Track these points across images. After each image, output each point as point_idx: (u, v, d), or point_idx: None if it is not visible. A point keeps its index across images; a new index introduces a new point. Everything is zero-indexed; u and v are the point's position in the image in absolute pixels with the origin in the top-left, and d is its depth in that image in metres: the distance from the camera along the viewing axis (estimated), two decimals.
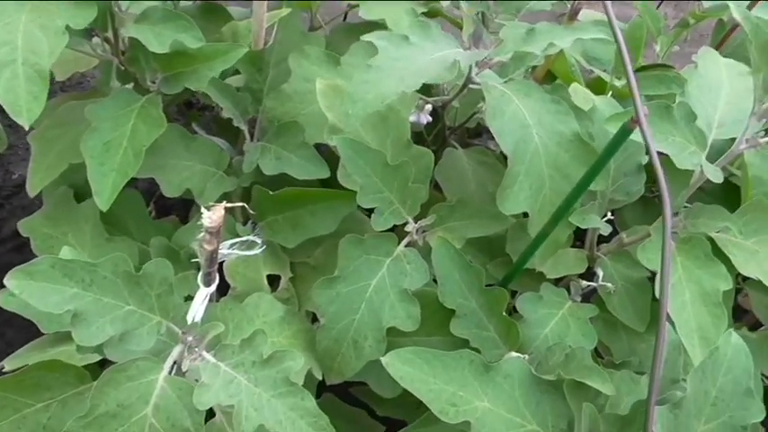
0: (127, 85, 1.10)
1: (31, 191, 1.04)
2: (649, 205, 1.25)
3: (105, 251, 1.03)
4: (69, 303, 0.67)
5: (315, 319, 1.03)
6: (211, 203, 0.77)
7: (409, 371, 0.82)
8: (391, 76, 0.88)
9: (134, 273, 0.70)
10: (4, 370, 0.92)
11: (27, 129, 0.86)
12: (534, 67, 1.30)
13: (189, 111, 1.51)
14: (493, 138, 1.45)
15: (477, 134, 1.58)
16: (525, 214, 0.98)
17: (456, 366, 0.83)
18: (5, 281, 0.70)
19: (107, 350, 0.71)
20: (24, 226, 1.07)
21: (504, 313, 0.95)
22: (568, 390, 0.83)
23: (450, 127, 1.32)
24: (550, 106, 0.99)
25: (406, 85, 0.87)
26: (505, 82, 1.08)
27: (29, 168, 1.06)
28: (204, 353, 0.70)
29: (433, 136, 1.31)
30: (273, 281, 1.07)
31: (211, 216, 0.76)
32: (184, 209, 1.64)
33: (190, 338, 0.71)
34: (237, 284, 1.03)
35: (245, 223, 1.11)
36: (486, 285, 0.97)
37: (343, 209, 1.02)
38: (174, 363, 0.71)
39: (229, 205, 0.79)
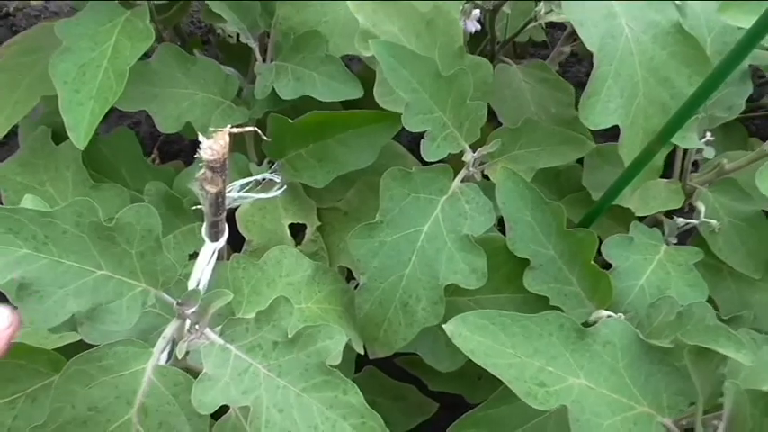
0: None
1: None
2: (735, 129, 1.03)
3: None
4: (15, 268, 0.48)
5: (350, 276, 0.84)
6: (212, 129, 0.58)
7: (481, 341, 0.62)
8: None
9: (105, 224, 0.51)
10: None
11: None
12: None
13: (189, 38, 1.30)
14: (547, 54, 1.24)
15: (522, 56, 1.37)
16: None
17: (542, 333, 0.64)
18: None
19: (80, 330, 0.52)
20: None
21: (593, 262, 0.74)
22: (690, 359, 0.63)
23: (502, 42, 1.10)
24: None
25: None
26: None
27: None
28: (208, 331, 0.51)
29: (479, 52, 1.10)
30: (297, 232, 0.88)
31: (212, 146, 0.57)
32: (193, 154, 1.45)
33: (189, 311, 0.52)
34: (253, 237, 0.83)
35: (260, 162, 0.91)
36: None
37: (382, 136, 0.82)
38: (168, 346, 0.52)
39: (236, 130, 0.58)
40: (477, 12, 0.95)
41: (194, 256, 0.84)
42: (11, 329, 0.46)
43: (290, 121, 0.83)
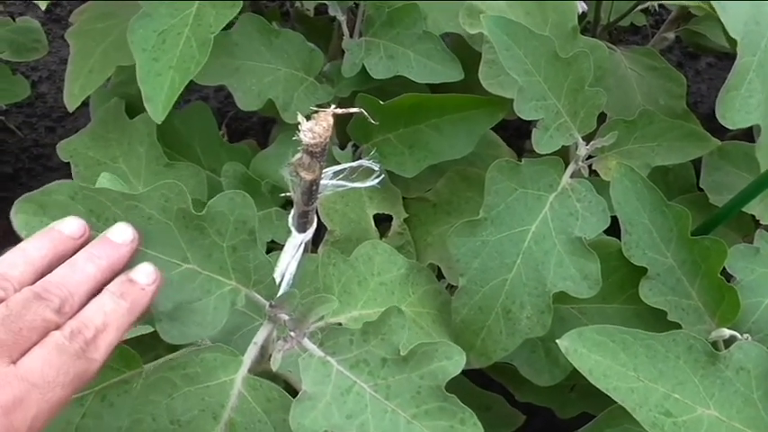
0: None
1: (70, 103, 0.80)
2: None
3: (164, 179, 0.78)
4: None
5: (439, 275, 0.77)
6: (314, 109, 0.51)
7: (600, 360, 0.55)
8: None
9: (195, 213, 0.44)
10: None
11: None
12: None
13: (266, 8, 1.24)
14: (641, 40, 1.14)
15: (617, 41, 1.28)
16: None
17: (668, 355, 0.56)
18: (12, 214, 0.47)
19: (158, 327, 0.46)
20: (65, 148, 0.83)
21: (719, 275, 0.66)
22: None
23: (604, 25, 1.02)
24: None
25: None
26: None
27: (66, 74, 0.81)
28: (306, 341, 0.44)
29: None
30: (381, 221, 0.81)
31: (313, 128, 0.50)
32: (263, 133, 1.39)
33: (283, 315, 0.45)
34: (336, 227, 0.77)
35: (343, 146, 0.85)
36: None
37: (482, 124, 0.74)
38: (259, 354, 0.45)
39: (341, 111, 0.52)
40: None
41: (271, 243, 0.79)
42: (155, 285, 0.43)
43: (381, 102, 0.76)
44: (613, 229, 0.70)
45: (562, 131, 0.67)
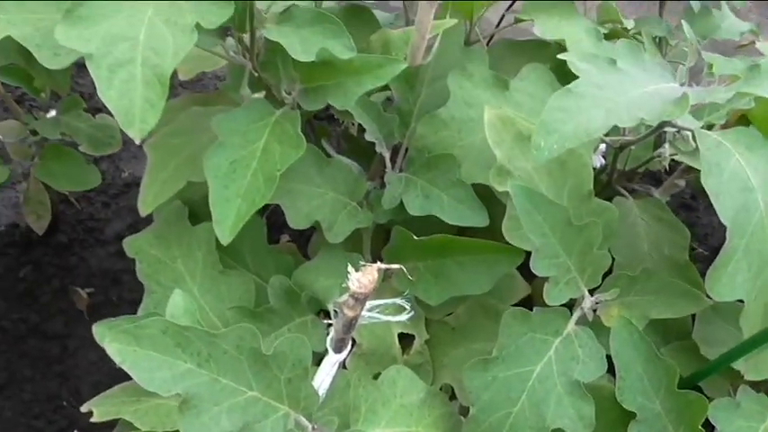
0: (258, 94, 0.96)
1: (144, 208, 0.91)
2: None
3: (217, 285, 0.89)
4: (180, 382, 0.53)
5: (452, 395, 0.86)
6: (362, 263, 0.62)
7: None
8: (597, 106, 0.70)
9: (262, 351, 0.54)
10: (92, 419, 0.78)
11: (138, 142, 0.72)
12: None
13: (317, 122, 1.37)
14: (658, 185, 1.25)
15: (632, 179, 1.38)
16: None
17: None
18: (103, 339, 0.57)
19: None
20: (131, 245, 0.94)
21: (700, 427, 0.74)
22: None
23: (620, 171, 1.12)
24: None
25: (618, 119, 0.69)
26: (711, 128, 0.88)
27: (142, 183, 0.93)
28: None
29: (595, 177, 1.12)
30: (404, 338, 0.91)
31: (360, 279, 0.61)
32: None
33: None
34: (364, 341, 0.87)
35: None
36: None
37: (502, 266, 0.85)
38: None
39: (384, 266, 0.63)
40: (603, 146, 0.98)
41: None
42: None
43: (415, 237, 0.86)
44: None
45: (571, 286, 0.77)
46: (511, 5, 1.24)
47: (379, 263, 0.61)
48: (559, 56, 0.75)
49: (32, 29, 0.88)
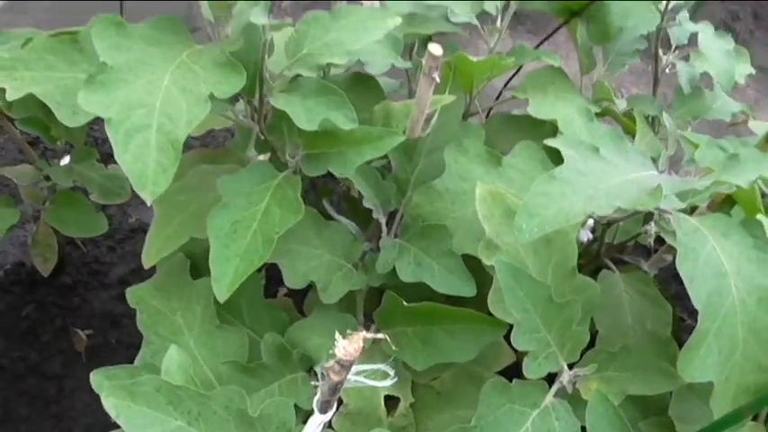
0: (263, 156, 1.01)
1: (147, 261, 0.95)
2: None
3: (213, 339, 0.93)
4: None
5: None
6: (349, 332, 0.65)
7: None
8: (578, 193, 0.74)
9: (249, 413, 0.58)
10: None
11: (149, 204, 0.77)
12: None
13: (318, 183, 1.41)
14: (647, 258, 1.29)
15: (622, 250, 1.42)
16: None
17: None
18: (101, 390, 0.60)
19: None
20: (133, 295, 0.98)
21: None
22: None
23: (609, 244, 1.16)
24: (752, 252, 0.83)
25: (597, 206, 0.73)
26: (694, 213, 0.93)
27: (148, 235, 0.97)
28: None
29: (584, 249, 1.16)
30: (389, 399, 0.94)
31: (346, 347, 0.64)
32: None
33: None
34: (351, 402, 0.90)
35: (367, 326, 0.99)
36: None
37: (488, 336, 0.88)
38: None
39: (370, 336, 0.66)
40: (591, 222, 1.02)
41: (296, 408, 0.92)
42: None
43: (405, 304, 0.90)
44: None
45: (550, 360, 0.80)
46: (509, 81, 1.30)
47: (364, 332, 0.65)
48: (546, 142, 0.80)
49: (54, 86, 0.94)
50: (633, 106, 1.24)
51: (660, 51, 1.27)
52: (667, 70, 1.29)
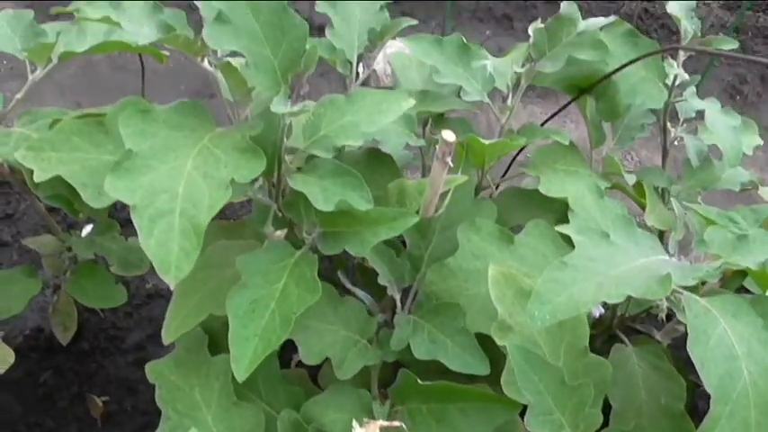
0: (280, 231, 1.03)
1: (167, 338, 0.97)
2: None
3: (231, 416, 0.94)
4: None
5: None
6: (365, 420, 0.67)
7: None
8: (588, 280, 0.76)
9: None
10: None
11: (172, 288, 0.80)
12: None
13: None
14: (659, 326, 1.30)
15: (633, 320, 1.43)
16: None
17: None
18: None
19: None
20: (152, 370, 1.00)
21: None
22: None
23: (621, 315, 1.18)
24: (763, 334, 0.84)
25: (607, 294, 0.75)
26: (705, 285, 0.94)
27: (168, 311, 0.99)
28: None
29: (596, 320, 1.17)
30: None
31: None
32: None
33: None
34: None
35: (383, 401, 1.00)
36: None
37: (501, 416, 0.89)
38: None
39: (385, 424, 0.68)
40: None
41: None
42: None
43: (420, 382, 0.91)
44: None
45: None
46: (517, 156, 1.33)
47: (381, 420, 0.67)
48: (558, 228, 0.82)
49: (80, 167, 0.97)
50: (642, 178, 1.26)
51: (669, 124, 1.29)
52: (676, 142, 1.32)
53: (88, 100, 2.20)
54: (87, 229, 1.35)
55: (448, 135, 0.88)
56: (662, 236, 1.33)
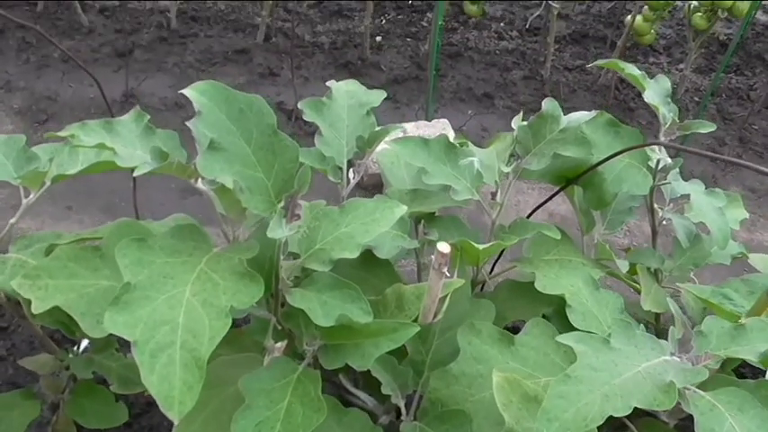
0: (280, 343, 1.03)
1: None
2: None
3: None
4: None
5: None
6: None
7: None
8: (593, 391, 0.76)
9: None
10: None
11: (176, 423, 0.79)
12: None
13: None
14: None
15: None
16: None
17: None
18: None
19: None
20: None
21: None
22: None
23: None
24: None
25: (613, 408, 0.75)
26: (706, 384, 0.94)
27: None
28: None
29: None
30: None
31: None
32: None
33: None
34: None
35: None
36: None
37: None
38: None
39: None
40: None
41: None
42: None
43: None
44: None
45: None
46: (501, 253, 1.34)
47: None
48: (558, 338, 0.83)
49: (77, 295, 0.97)
50: (635, 261, 1.28)
51: (656, 206, 1.32)
52: (664, 222, 1.34)
53: (79, 205, 2.21)
54: (84, 343, 1.34)
55: (443, 247, 0.89)
56: (657, 318, 1.34)
